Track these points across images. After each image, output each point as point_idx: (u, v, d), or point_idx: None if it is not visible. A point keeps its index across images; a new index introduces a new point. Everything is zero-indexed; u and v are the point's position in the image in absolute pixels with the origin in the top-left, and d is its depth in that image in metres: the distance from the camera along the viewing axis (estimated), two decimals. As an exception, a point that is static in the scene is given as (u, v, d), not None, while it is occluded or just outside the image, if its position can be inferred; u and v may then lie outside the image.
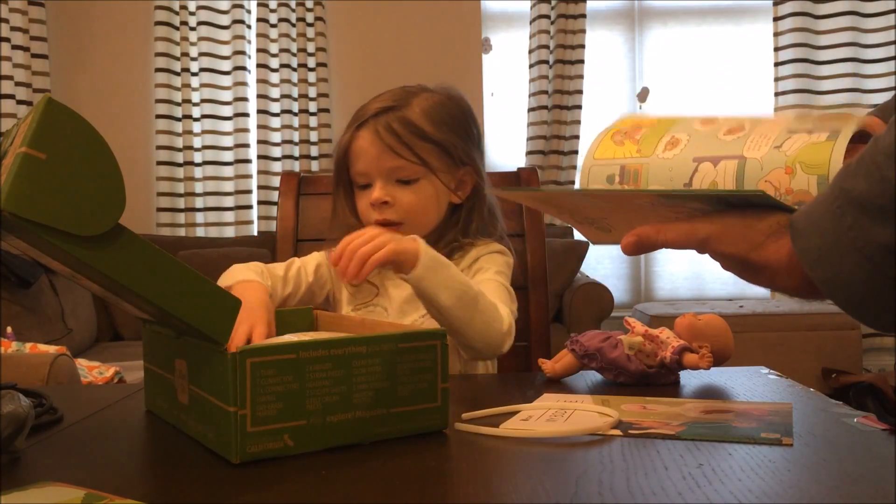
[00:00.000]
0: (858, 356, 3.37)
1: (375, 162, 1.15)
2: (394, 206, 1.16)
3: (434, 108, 1.18)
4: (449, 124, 1.18)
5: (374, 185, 1.16)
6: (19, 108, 3.63)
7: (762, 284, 0.67)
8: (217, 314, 0.72)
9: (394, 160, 1.15)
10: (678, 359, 0.98)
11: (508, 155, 4.02)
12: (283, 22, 3.81)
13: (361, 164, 1.17)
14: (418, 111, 1.16)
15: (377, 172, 1.16)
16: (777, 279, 0.63)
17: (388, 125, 1.15)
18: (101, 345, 3.33)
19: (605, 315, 3.43)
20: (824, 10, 3.87)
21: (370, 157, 1.16)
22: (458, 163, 1.19)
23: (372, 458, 0.70)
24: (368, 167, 1.16)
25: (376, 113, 1.16)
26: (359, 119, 1.17)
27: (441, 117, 1.18)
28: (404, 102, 1.17)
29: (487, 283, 1.14)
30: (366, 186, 1.18)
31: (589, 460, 0.69)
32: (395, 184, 1.16)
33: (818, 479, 0.64)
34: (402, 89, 1.20)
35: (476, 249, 1.20)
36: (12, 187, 0.60)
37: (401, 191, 1.16)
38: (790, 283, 0.62)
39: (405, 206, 1.16)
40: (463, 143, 1.19)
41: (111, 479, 0.67)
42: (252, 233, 3.87)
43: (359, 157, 1.17)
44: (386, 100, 1.18)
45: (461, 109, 1.22)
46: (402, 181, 1.16)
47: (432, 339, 0.77)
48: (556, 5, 3.85)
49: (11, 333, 2.51)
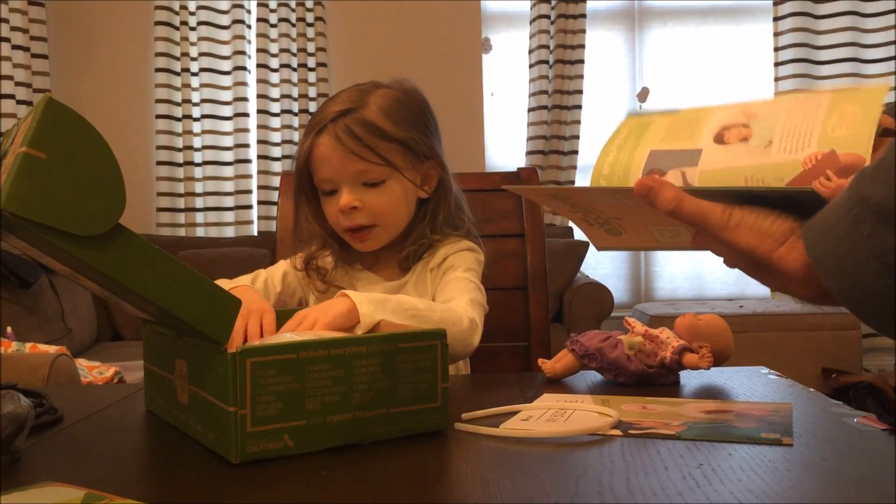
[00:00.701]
0: (858, 356, 3.37)
1: (340, 167, 1.13)
2: (363, 210, 1.14)
3: (391, 105, 1.15)
4: (409, 120, 1.16)
5: (340, 191, 1.14)
6: (19, 108, 3.63)
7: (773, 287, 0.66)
8: (217, 314, 0.72)
9: (358, 164, 1.12)
10: (678, 359, 0.98)
11: (508, 155, 4.02)
12: (283, 22, 3.81)
13: (325, 170, 1.14)
14: (376, 110, 1.14)
15: (342, 178, 1.14)
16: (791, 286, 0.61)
17: (348, 128, 1.12)
18: (101, 345, 3.33)
19: (605, 315, 3.43)
20: (824, 10, 3.87)
21: (334, 164, 1.13)
22: (422, 157, 1.17)
23: (372, 458, 0.70)
24: (333, 173, 1.14)
25: (334, 117, 1.13)
26: (317, 125, 1.14)
27: (400, 114, 1.15)
28: (361, 103, 1.14)
29: (457, 283, 1.14)
30: (332, 192, 1.16)
31: (589, 460, 0.69)
32: (362, 187, 1.14)
33: (818, 479, 0.64)
34: (356, 89, 1.17)
35: (445, 248, 1.20)
36: (12, 187, 0.60)
37: (369, 194, 1.14)
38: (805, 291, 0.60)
39: (375, 209, 1.14)
40: (424, 136, 1.17)
41: (111, 479, 0.67)
42: (252, 233, 3.87)
43: (322, 165, 1.14)
44: (342, 102, 1.14)
45: (417, 103, 1.19)
46: (369, 184, 1.14)
47: (432, 339, 0.78)
48: (556, 5, 3.85)
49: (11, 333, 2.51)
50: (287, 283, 1.23)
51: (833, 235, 0.55)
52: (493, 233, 1.41)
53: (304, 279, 1.24)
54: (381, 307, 0.97)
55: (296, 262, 1.24)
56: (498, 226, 1.43)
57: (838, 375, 3.22)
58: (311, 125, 1.16)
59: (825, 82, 3.87)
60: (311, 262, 1.22)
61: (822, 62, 3.89)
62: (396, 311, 0.99)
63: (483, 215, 1.34)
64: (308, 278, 1.23)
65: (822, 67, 3.89)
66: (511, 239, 1.43)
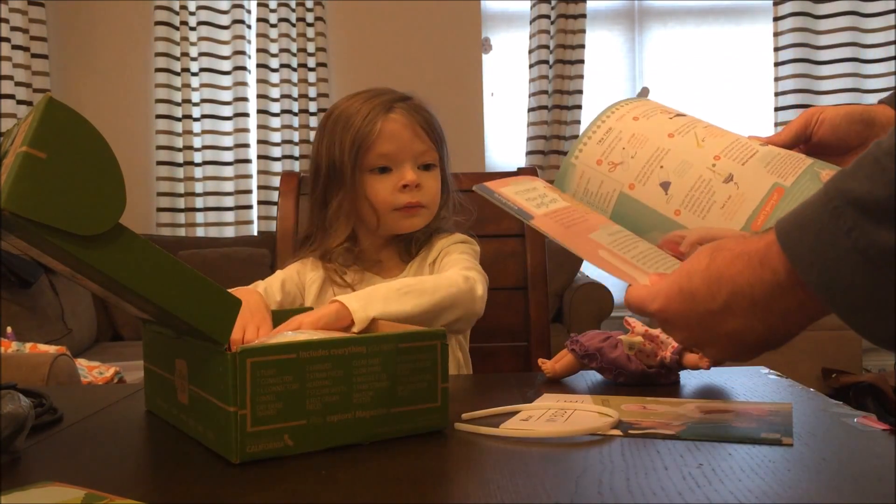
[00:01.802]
0: (858, 356, 3.37)
1: (408, 144, 1.16)
2: (422, 190, 1.17)
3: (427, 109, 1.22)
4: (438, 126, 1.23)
5: (402, 168, 1.16)
6: (19, 108, 3.63)
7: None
8: (217, 314, 0.72)
9: (423, 143, 1.17)
10: (678, 359, 0.98)
11: (508, 155, 4.02)
12: (283, 22, 3.81)
13: (391, 145, 1.15)
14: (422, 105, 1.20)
15: (407, 155, 1.17)
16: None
17: (419, 109, 1.18)
18: (101, 345, 3.33)
19: (605, 315, 3.43)
20: (824, 10, 3.87)
21: (403, 139, 1.16)
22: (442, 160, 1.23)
23: (372, 458, 0.70)
24: (400, 149, 1.16)
25: (402, 98, 1.18)
26: (384, 104, 1.16)
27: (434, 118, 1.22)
28: (412, 96, 1.20)
29: (451, 263, 1.17)
30: (385, 170, 1.17)
31: (589, 460, 0.69)
32: (419, 168, 1.18)
33: (818, 479, 0.64)
34: (388, 89, 1.22)
35: (440, 242, 1.22)
36: (13, 187, 0.60)
37: (424, 175, 1.18)
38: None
39: (430, 192, 1.19)
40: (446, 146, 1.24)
41: (111, 479, 0.67)
42: (252, 233, 3.87)
43: (389, 140, 1.15)
44: (392, 91, 1.19)
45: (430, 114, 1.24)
46: (424, 166, 1.18)
47: (432, 339, 0.77)
48: (556, 5, 3.85)
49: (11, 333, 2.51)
50: (286, 291, 1.21)
51: (810, 228, 0.54)
52: (493, 233, 1.41)
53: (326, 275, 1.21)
54: (370, 305, 0.97)
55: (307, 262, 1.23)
56: (498, 226, 1.43)
57: (838, 375, 3.22)
58: (375, 105, 1.16)
59: (825, 82, 3.87)
60: (329, 256, 1.21)
61: (822, 62, 3.89)
62: (388, 296, 1.00)
63: (483, 215, 1.34)
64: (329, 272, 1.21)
65: (822, 67, 3.89)
66: (511, 239, 1.43)
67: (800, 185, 0.75)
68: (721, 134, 0.82)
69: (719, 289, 0.61)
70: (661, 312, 0.66)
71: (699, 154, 0.79)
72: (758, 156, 0.78)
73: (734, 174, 0.77)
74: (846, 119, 0.82)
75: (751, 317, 0.60)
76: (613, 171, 0.81)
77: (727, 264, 0.61)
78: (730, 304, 0.60)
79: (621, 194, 0.81)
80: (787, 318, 0.59)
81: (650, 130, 0.82)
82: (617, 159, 0.81)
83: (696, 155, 0.79)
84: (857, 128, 0.82)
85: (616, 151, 0.82)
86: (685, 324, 0.64)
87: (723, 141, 0.80)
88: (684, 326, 0.65)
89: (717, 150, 0.79)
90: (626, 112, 0.84)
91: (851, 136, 0.82)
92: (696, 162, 0.78)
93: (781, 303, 0.58)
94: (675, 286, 0.64)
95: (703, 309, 0.62)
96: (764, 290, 0.58)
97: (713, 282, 0.61)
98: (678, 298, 0.64)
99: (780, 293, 0.58)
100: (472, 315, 1.12)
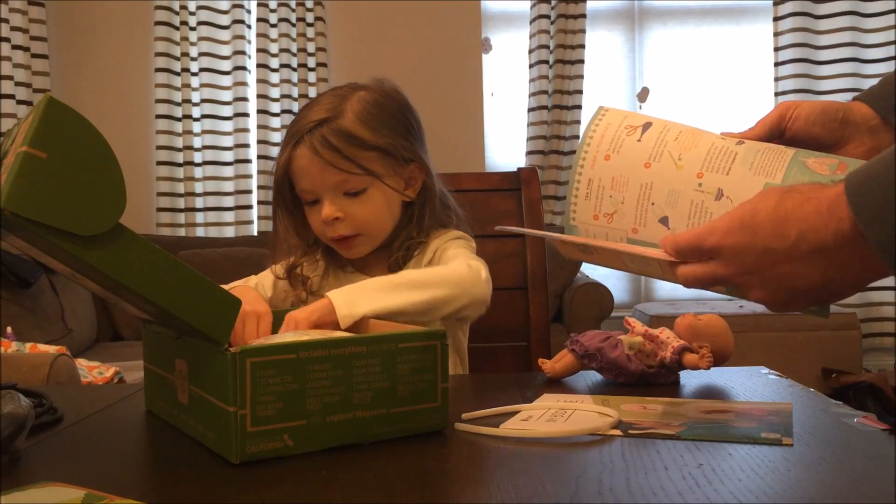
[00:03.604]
0: (858, 356, 3.37)
1: (319, 179, 1.12)
2: (346, 221, 1.14)
3: (369, 111, 1.14)
4: (388, 124, 1.15)
5: (322, 202, 1.13)
6: (19, 108, 3.63)
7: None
8: (217, 314, 0.72)
9: (337, 175, 1.11)
10: (678, 359, 0.98)
11: (508, 155, 4.02)
12: (283, 22, 3.81)
13: (305, 182, 1.14)
14: (353, 118, 1.12)
15: (322, 189, 1.13)
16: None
17: (325, 139, 1.10)
18: (101, 345, 3.33)
19: (605, 315, 3.43)
20: (824, 10, 3.87)
21: (313, 175, 1.12)
22: (403, 161, 1.16)
23: (372, 458, 0.70)
24: (313, 185, 1.13)
25: (311, 128, 1.12)
26: (293, 136, 1.13)
27: (379, 119, 1.14)
28: (338, 111, 1.12)
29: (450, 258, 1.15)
30: (314, 202, 1.15)
31: (589, 460, 0.69)
32: (343, 197, 1.13)
33: (818, 479, 0.64)
34: (333, 95, 1.16)
35: (435, 241, 1.20)
36: (13, 186, 0.60)
37: (350, 204, 1.13)
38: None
39: (357, 219, 1.14)
40: (405, 140, 1.16)
41: (111, 479, 0.67)
42: (252, 233, 3.87)
43: (301, 176, 1.14)
44: (319, 111, 1.13)
45: (398, 104, 1.18)
46: (350, 193, 1.13)
47: (432, 340, 0.77)
48: (556, 5, 3.85)
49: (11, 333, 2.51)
50: (278, 289, 1.22)
51: (878, 185, 0.53)
52: (493, 233, 1.41)
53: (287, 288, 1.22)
54: (359, 302, 0.97)
55: (276, 272, 1.23)
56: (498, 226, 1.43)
57: (838, 375, 3.22)
58: (289, 136, 1.14)
59: (825, 82, 3.88)
60: (294, 272, 1.21)
61: (822, 62, 3.89)
62: (378, 292, 1.00)
63: (483, 215, 1.34)
64: (292, 288, 1.21)
65: (822, 67, 3.89)
66: (511, 239, 1.43)
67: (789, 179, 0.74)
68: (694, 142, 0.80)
69: (785, 228, 0.59)
70: (717, 247, 0.64)
71: (682, 178, 0.78)
72: (738, 159, 0.77)
73: (723, 188, 0.76)
74: (822, 116, 0.79)
75: (809, 262, 0.59)
76: (612, 222, 0.81)
77: (797, 205, 0.59)
78: (794, 245, 0.59)
79: (629, 239, 0.81)
80: (846, 270, 0.58)
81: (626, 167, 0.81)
82: (609, 209, 0.81)
83: (680, 180, 0.78)
84: (833, 126, 0.79)
85: (606, 202, 0.81)
86: (740, 260, 0.63)
87: (699, 152, 0.79)
88: (738, 263, 0.63)
89: (697, 167, 0.78)
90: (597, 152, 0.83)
91: (825, 135, 0.79)
92: (682, 188, 0.78)
93: (843, 254, 0.57)
94: (737, 221, 0.63)
95: (763, 246, 0.60)
96: (828, 236, 0.57)
97: (779, 220, 0.60)
98: (739, 231, 0.62)
99: (843, 243, 0.57)
100: (480, 301, 1.10)
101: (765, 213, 0.61)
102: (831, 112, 0.79)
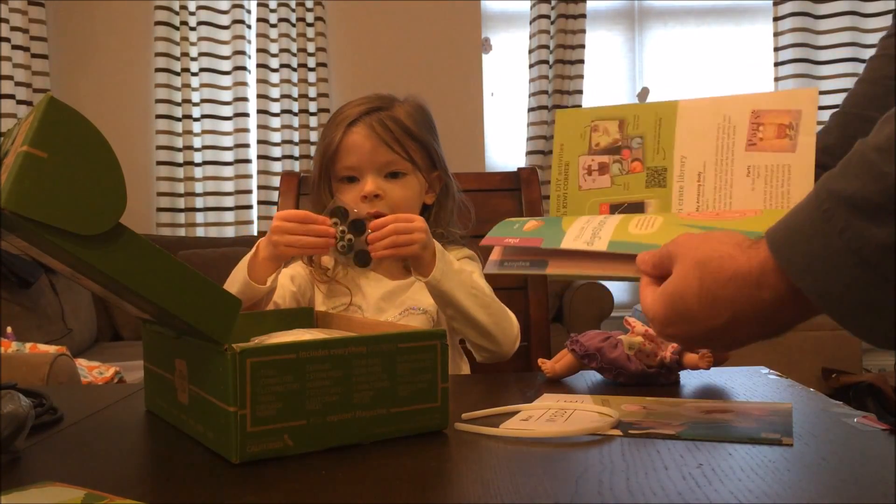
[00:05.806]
0: (858, 356, 3.37)
1: (369, 155, 1.19)
2: (384, 199, 1.19)
3: (415, 112, 1.24)
4: (428, 129, 1.26)
5: (364, 179, 1.20)
6: (19, 108, 3.63)
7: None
8: (217, 314, 0.72)
9: (387, 154, 1.20)
10: (678, 359, 0.98)
11: (508, 155, 4.02)
12: (283, 22, 3.81)
13: (353, 158, 1.20)
14: (403, 113, 1.23)
15: (369, 166, 1.20)
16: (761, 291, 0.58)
17: (382, 122, 1.20)
18: (101, 345, 3.33)
19: (605, 315, 3.43)
20: (824, 10, 3.87)
21: (364, 151, 1.19)
22: (432, 166, 1.25)
23: (372, 458, 0.70)
24: (360, 160, 1.20)
25: (368, 111, 1.21)
26: (348, 118, 1.21)
27: (422, 121, 1.25)
28: (389, 104, 1.24)
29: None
30: (352, 180, 1.21)
31: (589, 460, 0.69)
32: (384, 179, 1.21)
33: (818, 479, 0.64)
34: (378, 96, 1.26)
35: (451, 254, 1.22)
36: (13, 186, 0.60)
37: (390, 185, 1.20)
38: (760, 293, 0.58)
39: (394, 200, 1.20)
40: (438, 147, 1.27)
41: (111, 479, 0.67)
42: (252, 233, 3.86)
43: (350, 152, 1.20)
44: (371, 102, 1.23)
45: (431, 119, 1.28)
46: (392, 175, 1.21)
47: (432, 340, 0.77)
48: (556, 5, 3.85)
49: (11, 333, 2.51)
50: (297, 284, 1.24)
51: (801, 234, 0.53)
52: (493, 233, 1.40)
53: (308, 275, 1.25)
54: (449, 276, 1.10)
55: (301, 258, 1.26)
56: (498, 226, 1.42)
57: (838, 375, 3.22)
58: (341, 119, 1.22)
59: (825, 82, 3.87)
60: (315, 258, 1.24)
61: (822, 62, 3.89)
62: (462, 284, 1.12)
63: (483, 215, 1.34)
64: (312, 273, 1.25)
65: (822, 67, 3.89)
66: (511, 239, 1.43)
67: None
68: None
69: (719, 311, 0.60)
70: (661, 334, 0.66)
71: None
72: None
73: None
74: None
75: (755, 327, 0.60)
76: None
77: (720, 287, 0.59)
78: (733, 322, 0.60)
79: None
80: (790, 322, 0.59)
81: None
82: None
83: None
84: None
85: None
86: (689, 339, 0.65)
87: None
88: (688, 341, 0.66)
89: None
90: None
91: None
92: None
93: (785, 314, 0.58)
94: (671, 310, 0.63)
95: (706, 327, 0.61)
96: (766, 308, 0.58)
97: (709, 304, 0.60)
98: (677, 321, 0.63)
99: (781, 307, 0.57)
100: (503, 357, 1.19)
101: (693, 298, 0.61)
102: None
